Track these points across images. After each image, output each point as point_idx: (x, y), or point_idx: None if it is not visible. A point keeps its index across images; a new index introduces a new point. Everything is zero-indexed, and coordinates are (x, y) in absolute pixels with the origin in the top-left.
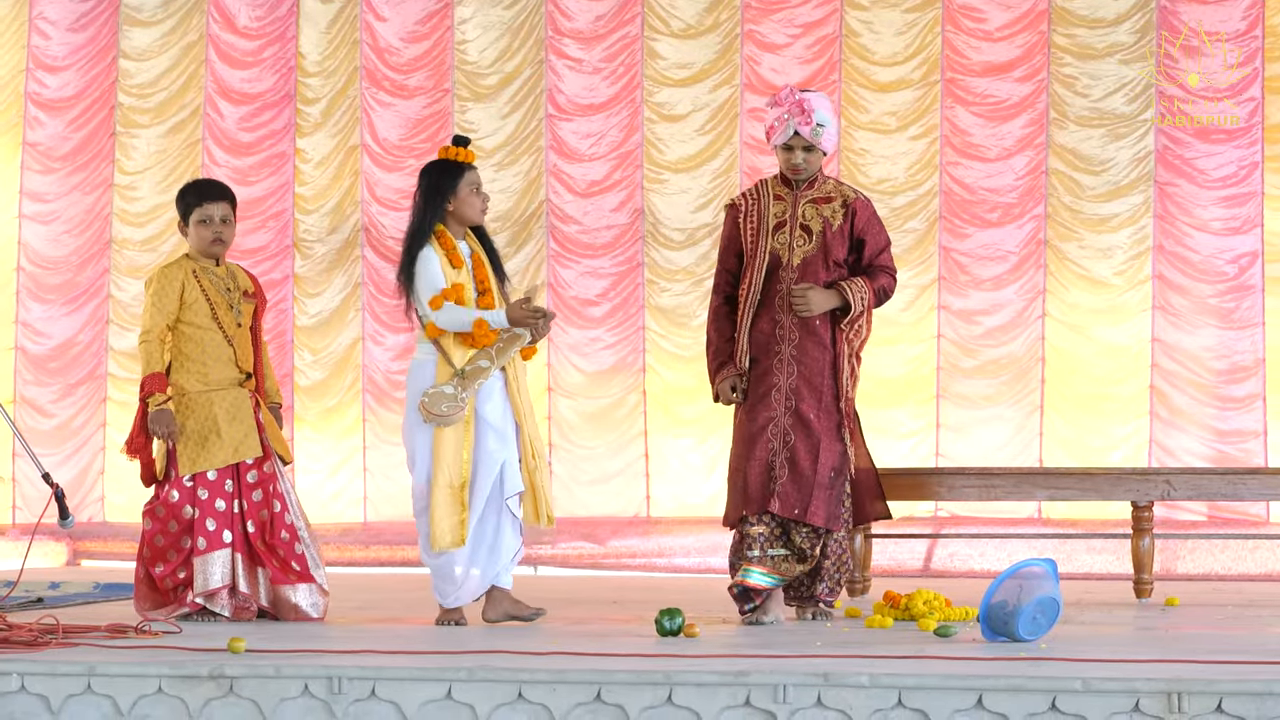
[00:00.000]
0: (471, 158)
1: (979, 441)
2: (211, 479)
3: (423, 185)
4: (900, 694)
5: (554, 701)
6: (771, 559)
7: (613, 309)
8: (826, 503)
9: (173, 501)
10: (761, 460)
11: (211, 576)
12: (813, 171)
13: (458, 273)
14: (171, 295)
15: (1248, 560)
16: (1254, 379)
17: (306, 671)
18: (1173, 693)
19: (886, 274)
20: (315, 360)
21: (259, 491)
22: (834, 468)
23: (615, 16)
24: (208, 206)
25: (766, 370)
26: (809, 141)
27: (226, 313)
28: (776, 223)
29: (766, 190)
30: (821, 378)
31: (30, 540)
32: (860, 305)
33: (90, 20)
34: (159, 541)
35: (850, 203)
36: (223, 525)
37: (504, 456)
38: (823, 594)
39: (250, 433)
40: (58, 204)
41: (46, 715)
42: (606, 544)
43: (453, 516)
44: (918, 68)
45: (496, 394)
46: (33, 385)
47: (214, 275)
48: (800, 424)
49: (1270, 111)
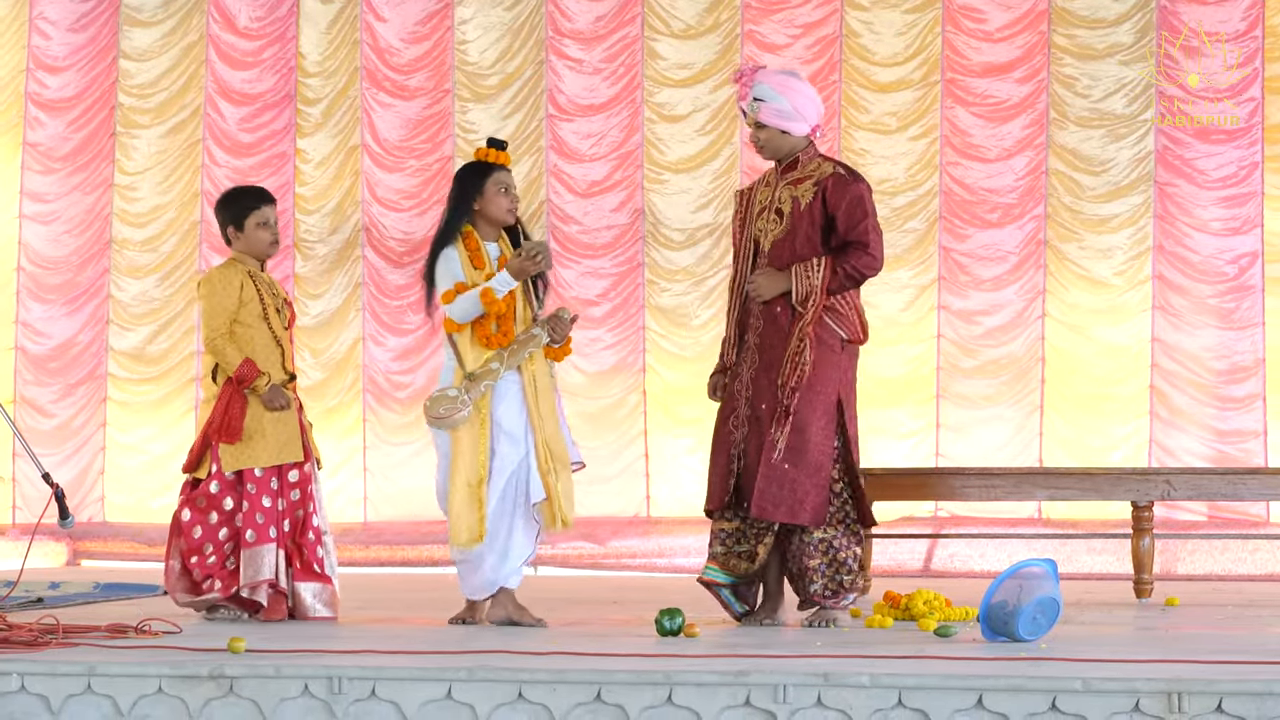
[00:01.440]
0: (503, 159)
1: (979, 441)
2: (259, 475)
3: (453, 186)
4: (900, 694)
5: (554, 701)
6: (733, 555)
7: (613, 309)
8: (775, 495)
9: (213, 493)
10: (723, 455)
11: (262, 568)
12: (776, 151)
13: (479, 273)
14: (231, 293)
15: (1248, 560)
16: (1254, 379)
17: (306, 671)
18: (1173, 693)
19: (861, 251)
20: (316, 361)
21: (297, 491)
22: (788, 460)
23: (615, 17)
24: (265, 209)
25: (738, 363)
26: (754, 117)
27: (275, 315)
28: (760, 209)
29: (763, 178)
30: (777, 367)
31: (30, 540)
32: (805, 286)
33: (90, 20)
34: (197, 534)
35: (823, 179)
36: (270, 521)
37: (517, 460)
38: (816, 595)
39: (294, 436)
40: (58, 204)
41: (46, 715)
42: (606, 544)
43: (471, 514)
44: (918, 68)
45: (512, 398)
46: (33, 385)
47: (261, 279)
48: (754, 416)
49: (1270, 112)
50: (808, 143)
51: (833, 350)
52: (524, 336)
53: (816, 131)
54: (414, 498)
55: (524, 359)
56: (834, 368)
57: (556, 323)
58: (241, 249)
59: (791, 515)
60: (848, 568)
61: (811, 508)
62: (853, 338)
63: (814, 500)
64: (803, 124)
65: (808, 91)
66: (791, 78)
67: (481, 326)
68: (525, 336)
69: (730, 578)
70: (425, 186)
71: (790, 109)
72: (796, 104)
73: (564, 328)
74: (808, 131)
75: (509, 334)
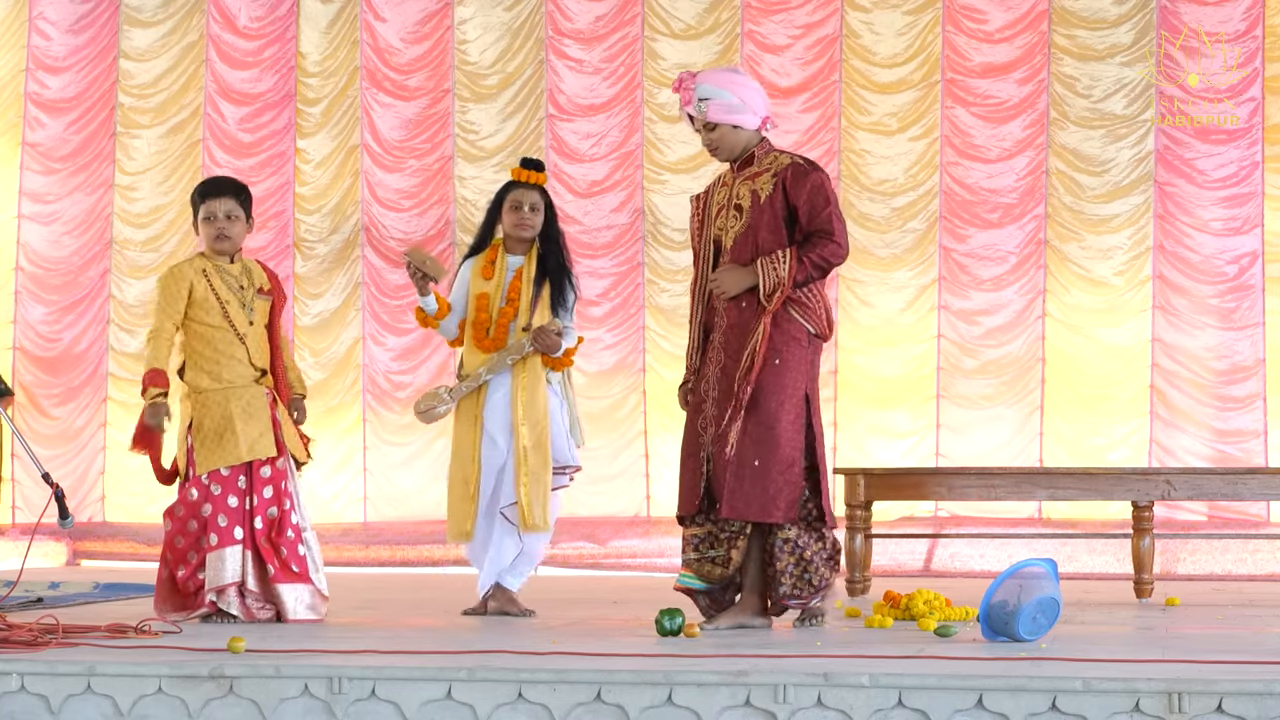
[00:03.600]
0: (524, 177)
1: (979, 441)
2: (225, 475)
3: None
4: (900, 694)
5: (554, 701)
6: (706, 560)
7: (613, 309)
8: (746, 494)
9: (192, 500)
10: (692, 459)
11: (223, 572)
12: (731, 149)
13: (488, 283)
14: (178, 294)
15: (1248, 560)
16: (1254, 379)
17: (306, 671)
18: (1173, 693)
19: (826, 240)
20: (316, 360)
21: (270, 488)
22: (758, 457)
23: (615, 17)
24: (210, 203)
25: (703, 365)
26: (702, 119)
27: (238, 311)
28: (718, 209)
29: (719, 179)
30: (738, 364)
31: (30, 540)
32: (772, 278)
33: (90, 21)
34: (179, 543)
35: (781, 170)
36: (234, 522)
37: (498, 463)
38: (784, 598)
39: (265, 431)
40: (58, 204)
41: (46, 715)
42: (607, 544)
43: (461, 511)
44: (918, 68)
45: (496, 402)
46: (33, 385)
47: (226, 273)
48: (720, 415)
49: (1270, 111)
50: (760, 137)
51: (799, 344)
52: (511, 345)
53: (767, 124)
54: (414, 498)
55: (507, 366)
56: (801, 362)
57: (540, 334)
58: (202, 243)
59: (764, 513)
60: (814, 566)
61: (784, 505)
62: (819, 332)
63: (786, 497)
64: (752, 116)
65: (751, 84)
66: (732, 73)
67: (478, 331)
68: (510, 345)
69: (705, 584)
70: (425, 186)
71: (738, 102)
72: (743, 96)
73: (546, 339)
74: (758, 124)
75: (501, 341)
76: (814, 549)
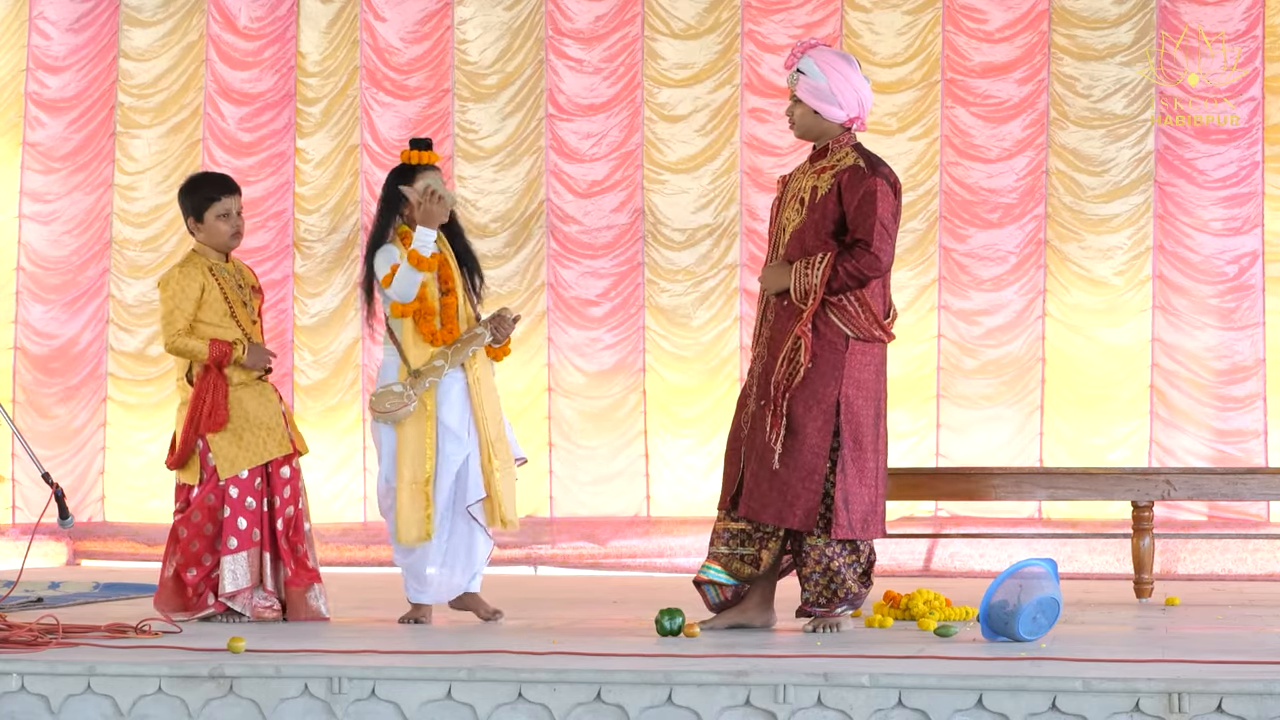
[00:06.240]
0: (427, 159)
1: (979, 441)
2: (243, 477)
3: (381, 193)
4: (900, 694)
5: (554, 701)
6: (736, 558)
7: (613, 309)
8: (764, 496)
9: (209, 504)
10: (734, 452)
11: (239, 577)
12: (807, 131)
13: None
14: (190, 297)
15: (1248, 560)
16: (1254, 379)
17: (306, 671)
18: (1173, 693)
19: (863, 251)
20: (315, 360)
21: (289, 488)
22: (782, 461)
23: (615, 17)
24: (227, 200)
25: (755, 358)
26: (791, 89)
27: (241, 309)
28: (791, 196)
29: (803, 164)
30: (776, 362)
31: (30, 540)
32: (803, 284)
33: (90, 20)
34: (195, 547)
35: (841, 171)
36: (253, 524)
37: (460, 459)
38: (808, 604)
39: (279, 429)
40: (58, 204)
41: (46, 715)
42: (606, 544)
43: (418, 512)
44: (918, 68)
45: (454, 397)
46: (33, 385)
47: (225, 272)
48: (758, 413)
49: (1270, 111)
50: (842, 131)
51: (835, 349)
52: (467, 336)
53: (855, 123)
54: None
55: (467, 358)
56: (834, 368)
57: (499, 323)
58: (203, 240)
59: (780, 518)
60: (842, 578)
61: (802, 511)
62: (862, 335)
63: (804, 503)
64: (837, 110)
65: (854, 80)
66: (841, 61)
67: (426, 324)
68: (469, 336)
69: (731, 580)
70: None
71: (828, 90)
72: (836, 87)
73: (506, 328)
74: (843, 119)
75: (454, 332)
76: (843, 560)
